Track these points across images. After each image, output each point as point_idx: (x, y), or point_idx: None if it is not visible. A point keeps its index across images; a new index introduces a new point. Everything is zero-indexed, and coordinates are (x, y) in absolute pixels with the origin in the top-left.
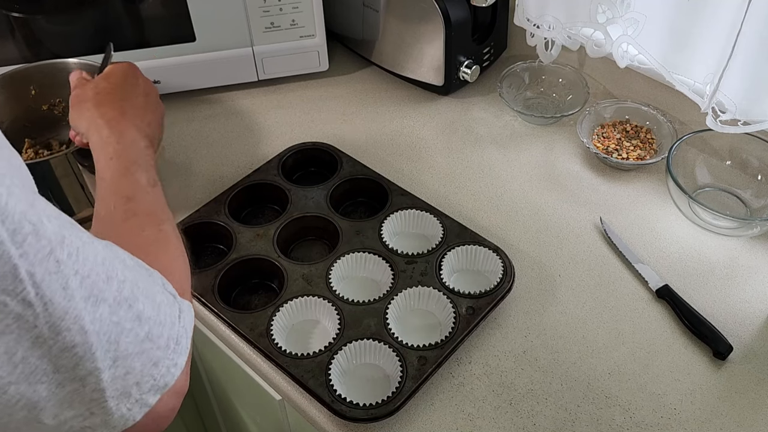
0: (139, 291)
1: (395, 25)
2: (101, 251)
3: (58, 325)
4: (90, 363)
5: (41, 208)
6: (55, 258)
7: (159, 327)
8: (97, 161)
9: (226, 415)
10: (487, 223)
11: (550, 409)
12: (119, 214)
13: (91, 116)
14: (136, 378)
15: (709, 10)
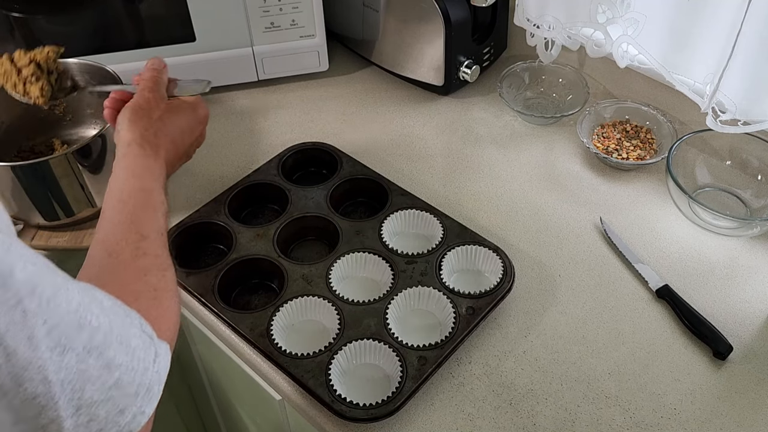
0: (112, 336)
1: (395, 25)
2: (76, 296)
3: (21, 375)
4: (52, 412)
5: (16, 254)
6: (22, 308)
7: (130, 373)
8: (121, 172)
9: (226, 415)
10: (487, 223)
11: (550, 409)
12: (129, 251)
13: (142, 127)
14: (100, 425)
15: (709, 10)
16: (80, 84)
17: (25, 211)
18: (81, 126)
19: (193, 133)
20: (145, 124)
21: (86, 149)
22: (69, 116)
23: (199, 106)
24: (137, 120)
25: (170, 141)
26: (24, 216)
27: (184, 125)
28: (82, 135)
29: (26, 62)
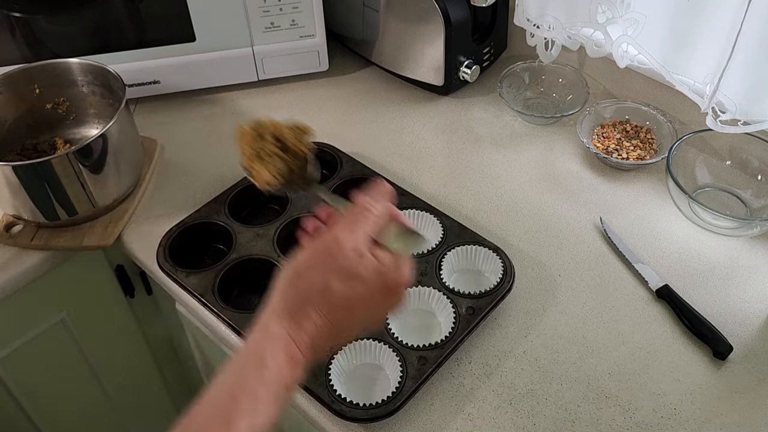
0: None
1: (395, 25)
2: None
3: None
4: None
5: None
6: None
7: None
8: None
9: None
10: (487, 223)
11: (550, 409)
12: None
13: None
14: None
15: (709, 10)
16: (315, 178)
17: (25, 211)
18: (84, 125)
19: (378, 304)
20: (306, 283)
21: (87, 149)
22: (72, 115)
23: (399, 268)
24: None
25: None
26: (24, 215)
27: (364, 291)
28: (85, 134)
29: (269, 134)
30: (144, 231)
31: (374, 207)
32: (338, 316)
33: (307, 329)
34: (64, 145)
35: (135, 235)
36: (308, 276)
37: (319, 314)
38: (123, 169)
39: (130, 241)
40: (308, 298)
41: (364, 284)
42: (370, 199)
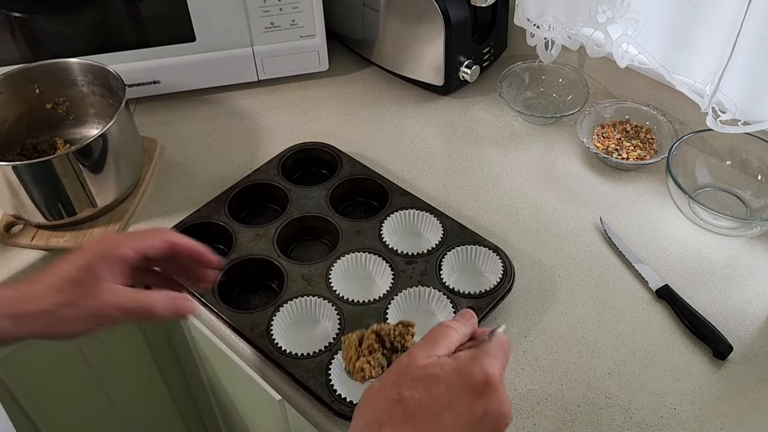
0: None
1: (395, 25)
2: None
3: None
4: None
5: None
6: None
7: None
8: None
9: (226, 415)
10: (487, 223)
11: (550, 409)
12: None
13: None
14: None
15: (709, 10)
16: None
17: (25, 211)
18: (84, 125)
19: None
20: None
21: (87, 149)
22: (72, 115)
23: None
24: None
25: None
26: (24, 215)
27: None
28: (85, 134)
29: (371, 332)
30: None
31: (456, 327)
32: (421, 427)
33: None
34: (64, 145)
35: None
36: (381, 394)
37: (394, 427)
38: (123, 169)
39: None
40: (382, 414)
41: (442, 386)
42: (453, 322)
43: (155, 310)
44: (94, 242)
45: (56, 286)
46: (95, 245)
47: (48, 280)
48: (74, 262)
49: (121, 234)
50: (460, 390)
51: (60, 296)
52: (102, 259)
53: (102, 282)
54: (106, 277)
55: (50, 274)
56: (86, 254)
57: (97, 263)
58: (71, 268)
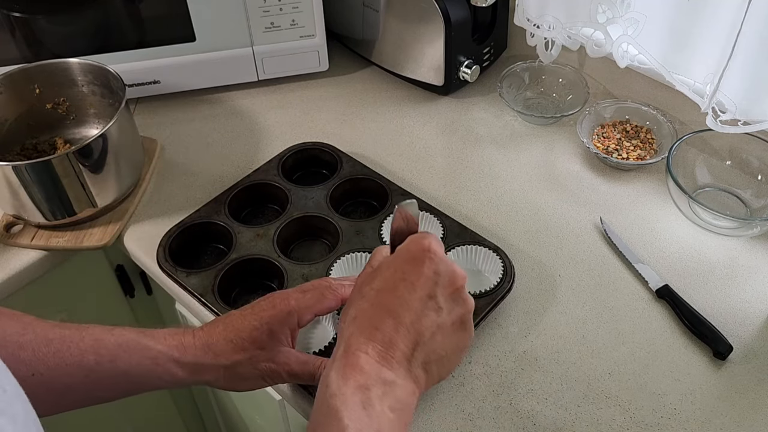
0: None
1: (395, 25)
2: None
3: None
4: None
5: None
6: None
7: None
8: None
9: (226, 415)
10: (487, 223)
11: (550, 409)
12: None
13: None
14: None
15: (709, 10)
16: None
17: (25, 211)
18: (84, 125)
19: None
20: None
21: (87, 149)
22: (72, 115)
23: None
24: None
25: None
26: (24, 215)
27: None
28: (85, 134)
29: None
30: (144, 231)
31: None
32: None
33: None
34: (64, 145)
35: (135, 235)
36: (348, 303)
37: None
38: (123, 169)
39: (130, 241)
40: (351, 311)
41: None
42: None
43: (317, 379)
44: (274, 302)
45: (238, 344)
46: (275, 307)
47: (228, 335)
48: (256, 321)
49: (297, 296)
50: (405, 264)
51: (240, 354)
52: (284, 324)
53: (280, 346)
54: (283, 342)
55: (229, 329)
56: (266, 314)
57: (279, 328)
58: (252, 328)
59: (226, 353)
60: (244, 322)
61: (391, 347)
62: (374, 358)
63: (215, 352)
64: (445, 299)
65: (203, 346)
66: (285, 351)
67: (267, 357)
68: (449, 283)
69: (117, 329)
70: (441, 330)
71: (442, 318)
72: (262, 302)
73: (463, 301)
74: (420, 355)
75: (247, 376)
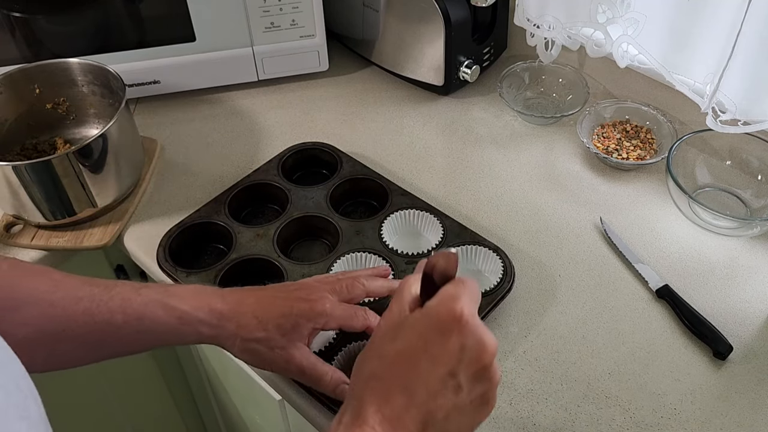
0: None
1: (395, 25)
2: None
3: None
4: None
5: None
6: None
7: None
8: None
9: (226, 415)
10: (487, 223)
11: (550, 409)
12: None
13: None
14: None
15: (709, 10)
16: None
17: (25, 211)
18: (84, 125)
19: (444, 350)
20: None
21: (87, 149)
22: (72, 115)
23: (449, 301)
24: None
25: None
26: (24, 215)
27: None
28: (85, 134)
29: None
30: (144, 231)
31: (414, 277)
32: (402, 374)
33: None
34: (64, 145)
35: (135, 235)
36: (366, 354)
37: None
38: (123, 169)
39: (130, 241)
40: (369, 369)
41: (415, 333)
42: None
43: (322, 384)
44: (309, 297)
45: (262, 324)
46: (307, 302)
47: (257, 312)
48: (286, 309)
49: (331, 305)
50: (431, 333)
51: (261, 333)
52: (310, 322)
53: (298, 341)
54: (302, 338)
55: (260, 306)
56: (297, 308)
57: (304, 324)
58: (280, 315)
59: (249, 328)
60: (275, 304)
61: (398, 425)
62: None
63: (239, 323)
64: (467, 378)
65: (230, 313)
66: (301, 347)
67: (283, 345)
68: (475, 360)
69: (144, 289)
70: (457, 409)
71: (460, 398)
72: (299, 291)
73: (489, 379)
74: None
75: (258, 354)
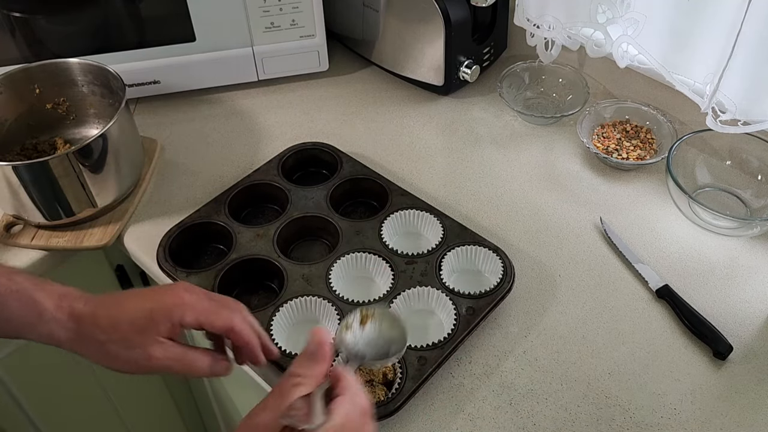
0: None
1: (395, 25)
2: None
3: None
4: None
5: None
6: None
7: None
8: None
9: (226, 415)
10: (487, 223)
11: (550, 409)
12: None
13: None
14: None
15: (709, 10)
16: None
17: (25, 211)
18: (84, 125)
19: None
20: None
21: (87, 149)
22: (72, 115)
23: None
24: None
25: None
26: (24, 215)
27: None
28: (84, 134)
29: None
30: (144, 231)
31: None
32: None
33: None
34: (64, 145)
35: (135, 235)
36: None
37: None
38: (123, 169)
39: (130, 241)
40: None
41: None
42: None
43: (195, 370)
44: (171, 293)
45: (116, 324)
46: (166, 297)
47: (112, 312)
48: (141, 306)
49: (197, 297)
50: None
51: (116, 334)
52: (164, 314)
53: (157, 337)
54: (161, 332)
55: (117, 307)
56: (153, 303)
57: (158, 317)
58: (135, 310)
59: (105, 331)
60: (131, 302)
61: None
62: None
63: (97, 326)
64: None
65: (90, 316)
66: (161, 343)
67: (141, 344)
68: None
69: (16, 275)
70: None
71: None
72: (160, 290)
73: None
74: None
75: (118, 357)
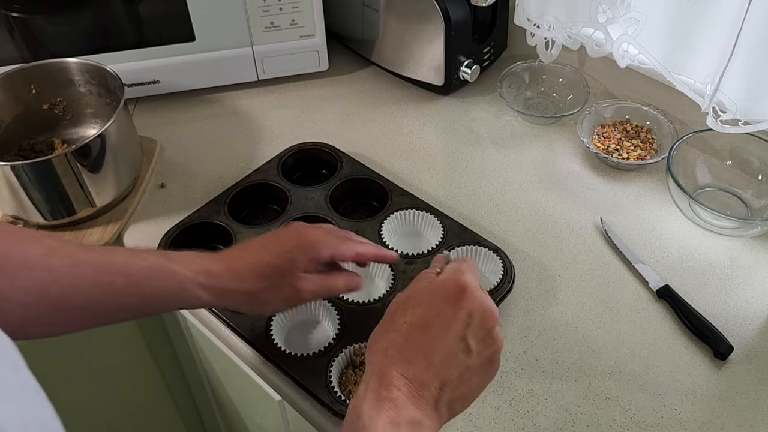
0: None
1: (395, 25)
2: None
3: None
4: None
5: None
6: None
7: None
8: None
9: (226, 415)
10: (487, 223)
11: (550, 409)
12: None
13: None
14: None
15: (709, 9)
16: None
17: (24, 211)
18: (81, 125)
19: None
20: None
21: (86, 149)
22: (69, 115)
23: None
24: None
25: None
26: (24, 215)
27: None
28: (82, 134)
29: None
30: (144, 231)
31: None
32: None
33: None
34: (62, 145)
35: (135, 235)
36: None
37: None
38: (122, 169)
39: (129, 241)
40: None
41: (425, 305)
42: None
43: (336, 289)
44: (298, 232)
45: (260, 271)
46: (298, 237)
47: (251, 261)
48: (278, 250)
49: (321, 232)
50: (441, 302)
51: (263, 282)
52: (302, 252)
53: (299, 272)
54: (302, 268)
55: (253, 256)
56: (288, 244)
57: (298, 256)
58: (275, 256)
59: (251, 280)
60: (267, 251)
61: (422, 387)
62: (406, 395)
63: (240, 278)
64: (476, 341)
65: (229, 272)
66: (305, 277)
67: (288, 283)
68: (481, 325)
69: (143, 253)
70: (468, 371)
71: (471, 360)
72: (284, 233)
73: (493, 341)
74: (446, 396)
75: (269, 301)
